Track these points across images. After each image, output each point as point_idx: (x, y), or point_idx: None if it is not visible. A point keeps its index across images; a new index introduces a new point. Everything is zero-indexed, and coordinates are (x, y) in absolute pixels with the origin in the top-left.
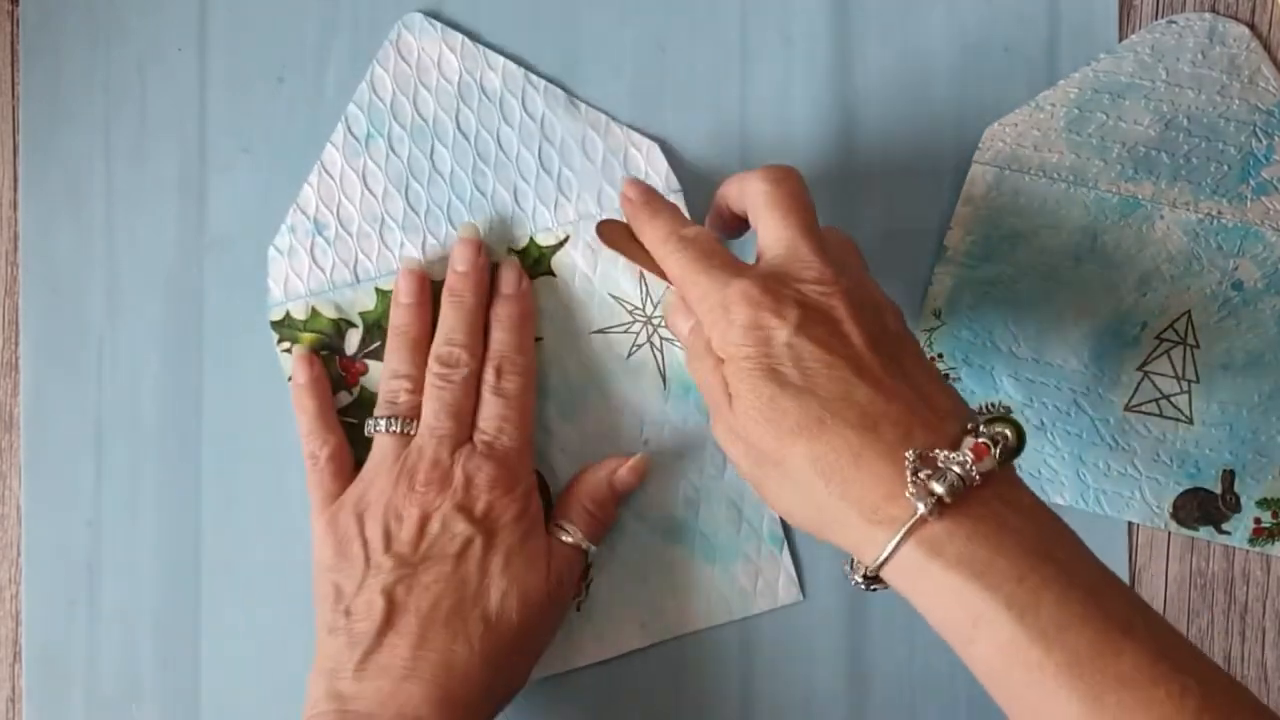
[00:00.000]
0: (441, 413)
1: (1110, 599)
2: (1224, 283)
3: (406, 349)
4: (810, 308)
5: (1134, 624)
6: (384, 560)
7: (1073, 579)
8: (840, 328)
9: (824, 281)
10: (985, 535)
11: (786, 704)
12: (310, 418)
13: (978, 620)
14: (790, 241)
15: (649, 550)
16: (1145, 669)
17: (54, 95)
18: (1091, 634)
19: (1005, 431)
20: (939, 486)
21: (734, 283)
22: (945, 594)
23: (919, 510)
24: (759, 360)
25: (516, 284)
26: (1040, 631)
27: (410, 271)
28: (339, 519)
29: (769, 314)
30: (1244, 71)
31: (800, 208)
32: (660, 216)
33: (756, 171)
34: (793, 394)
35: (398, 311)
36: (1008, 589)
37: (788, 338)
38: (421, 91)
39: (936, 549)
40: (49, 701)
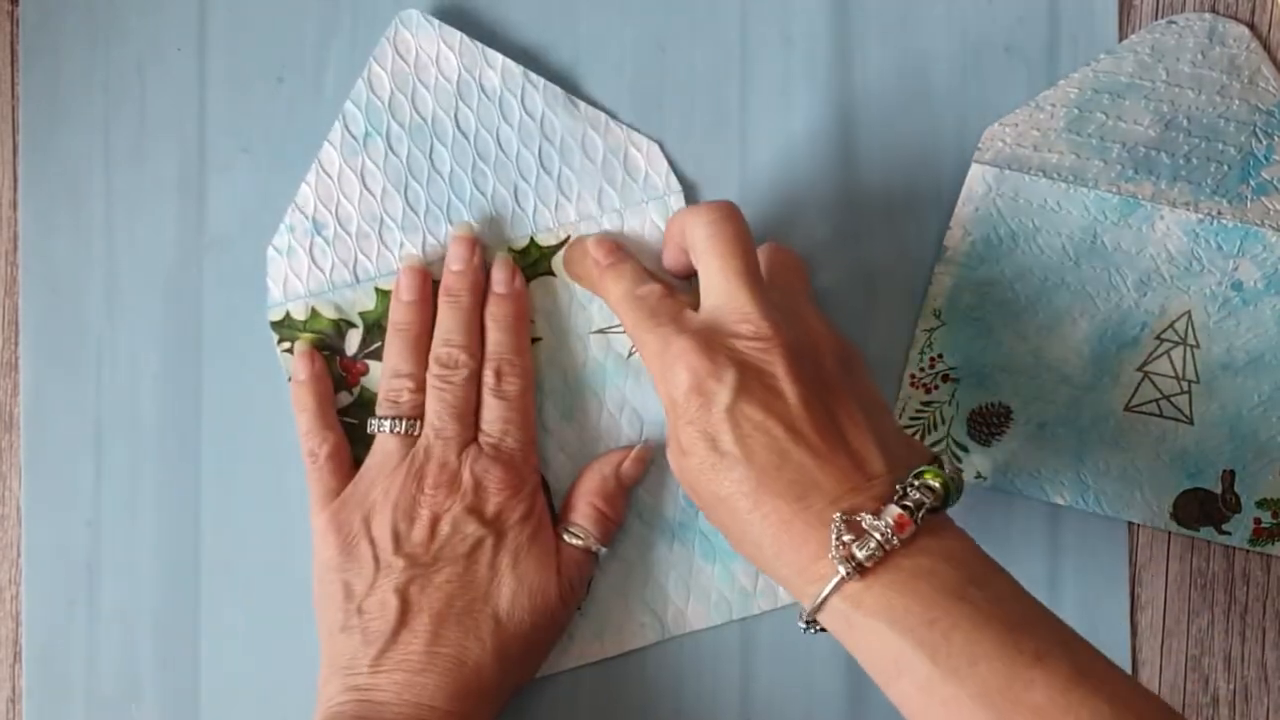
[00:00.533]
0: (445, 414)
1: (1024, 632)
2: (1224, 283)
3: (408, 347)
4: (747, 367)
5: (1048, 654)
6: (395, 560)
7: (988, 616)
8: (777, 385)
9: (760, 337)
10: (901, 584)
11: (786, 704)
12: (310, 415)
13: (897, 662)
14: (728, 290)
15: (649, 550)
16: (1057, 698)
17: (53, 95)
18: (1002, 667)
19: (933, 486)
20: (860, 552)
21: (674, 342)
22: (868, 639)
23: (840, 574)
24: (700, 427)
25: (509, 282)
26: (952, 669)
27: (411, 269)
28: (343, 517)
29: (708, 377)
30: (1244, 72)
31: (738, 251)
32: (622, 279)
33: (696, 210)
34: (730, 464)
35: (398, 309)
36: (921, 632)
37: (727, 403)
38: (420, 90)
39: (857, 601)
40: (49, 701)
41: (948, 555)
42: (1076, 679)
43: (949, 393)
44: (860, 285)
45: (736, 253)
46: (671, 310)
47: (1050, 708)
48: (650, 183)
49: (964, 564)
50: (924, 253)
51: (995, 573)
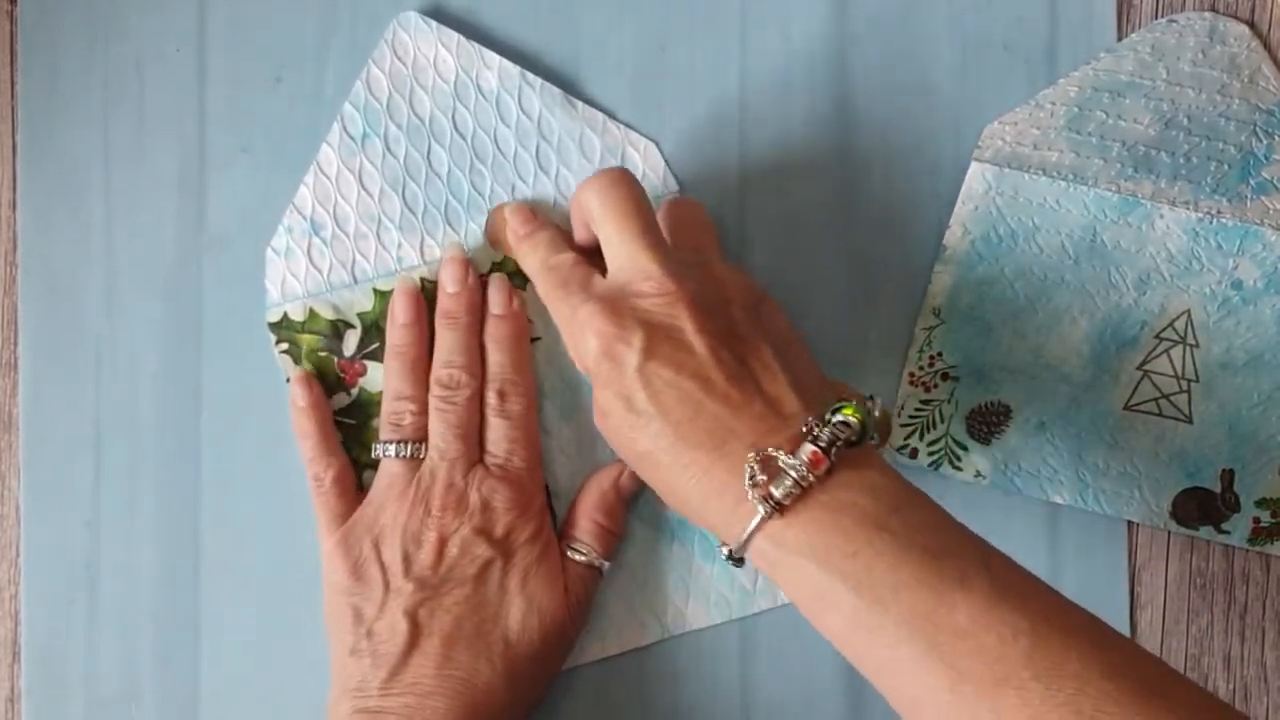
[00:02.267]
0: (449, 435)
1: (946, 557)
2: (1224, 282)
3: (408, 369)
4: (654, 325)
5: (969, 576)
6: (404, 584)
7: (909, 545)
8: (684, 339)
9: (664, 293)
10: (820, 520)
11: (786, 704)
12: (312, 442)
13: (822, 596)
14: (628, 253)
15: (648, 550)
16: (979, 618)
17: (52, 94)
18: (925, 592)
19: (849, 422)
20: (777, 491)
21: (580, 309)
22: (793, 576)
23: (760, 513)
24: (615, 389)
25: (507, 303)
26: (876, 598)
27: (405, 291)
28: (351, 541)
29: (615, 340)
30: (1244, 71)
31: (632, 212)
32: (537, 249)
33: (587, 181)
34: (646, 421)
35: (395, 332)
36: (844, 565)
37: (637, 363)
38: (418, 91)
39: (779, 540)
40: (48, 701)
41: (868, 487)
42: (997, 598)
43: (948, 391)
44: (859, 284)
45: (630, 214)
46: (581, 278)
47: (972, 627)
48: (648, 182)
49: (885, 495)
50: (924, 251)
51: (917, 501)
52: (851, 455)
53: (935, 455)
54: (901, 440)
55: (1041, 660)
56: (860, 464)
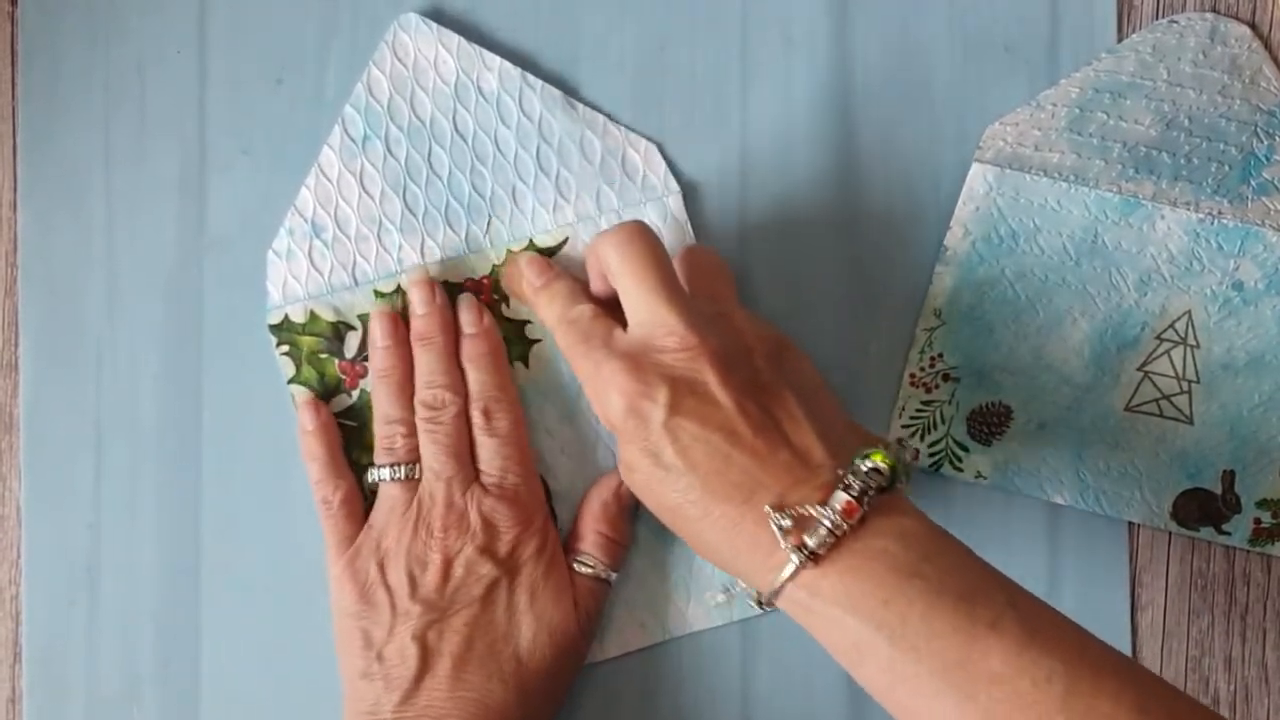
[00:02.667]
0: (441, 455)
1: (977, 600)
2: (1225, 283)
3: (394, 392)
4: (678, 380)
5: (1000, 619)
6: (411, 606)
7: (940, 591)
8: (709, 393)
9: (686, 347)
10: (855, 569)
11: (787, 705)
12: (320, 464)
13: (858, 646)
14: (648, 308)
15: (648, 551)
16: (1012, 662)
17: (53, 95)
18: (958, 640)
19: (880, 468)
20: (811, 540)
21: (604, 366)
22: (828, 626)
23: (794, 563)
24: (640, 445)
25: (478, 321)
26: (910, 646)
27: (382, 315)
28: (358, 565)
29: (640, 397)
30: (1245, 72)
31: (652, 266)
32: (554, 302)
33: (604, 235)
34: (674, 476)
35: (376, 355)
36: (878, 614)
37: (662, 419)
38: (418, 93)
39: (814, 589)
40: (49, 702)
41: (899, 534)
42: (1029, 641)
43: (949, 392)
44: (860, 285)
45: (649, 269)
46: (602, 333)
47: (1006, 672)
48: (648, 183)
49: (916, 541)
50: (924, 252)
51: (947, 545)
52: (883, 502)
53: (936, 456)
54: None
55: (1075, 703)
56: (891, 510)
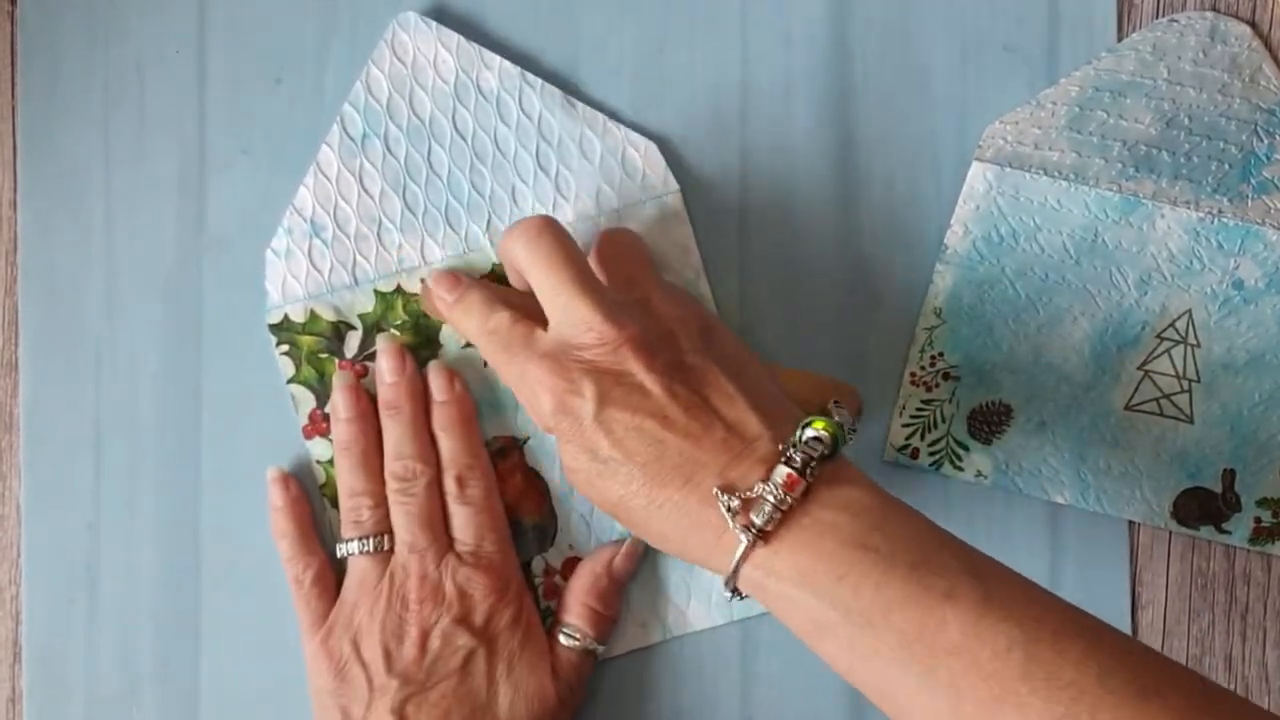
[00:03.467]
0: (413, 526)
1: (933, 568)
2: (1225, 282)
3: (359, 465)
4: (602, 373)
5: (958, 587)
6: (388, 681)
7: (893, 562)
8: (635, 381)
9: (605, 341)
10: (806, 544)
11: (788, 705)
12: (290, 541)
13: (816, 623)
14: (563, 304)
15: (650, 551)
16: (970, 632)
17: (53, 95)
18: (915, 611)
19: (821, 436)
20: (758, 519)
21: (529, 370)
22: (785, 605)
23: (743, 542)
24: (577, 442)
25: (449, 387)
26: (867, 621)
27: (345, 386)
28: (332, 643)
29: (568, 395)
30: (1245, 70)
31: (562, 260)
32: (470, 314)
33: (511, 233)
34: (613, 468)
35: (339, 428)
36: (832, 591)
37: (593, 414)
38: (418, 92)
39: (768, 568)
40: (49, 701)
41: (847, 505)
42: (986, 609)
43: (949, 391)
44: (860, 284)
45: (559, 264)
46: (522, 337)
47: (964, 642)
48: (648, 182)
49: (865, 511)
50: (924, 251)
51: (898, 514)
52: (828, 470)
53: (936, 455)
54: (903, 440)
55: (1037, 672)
56: (837, 480)
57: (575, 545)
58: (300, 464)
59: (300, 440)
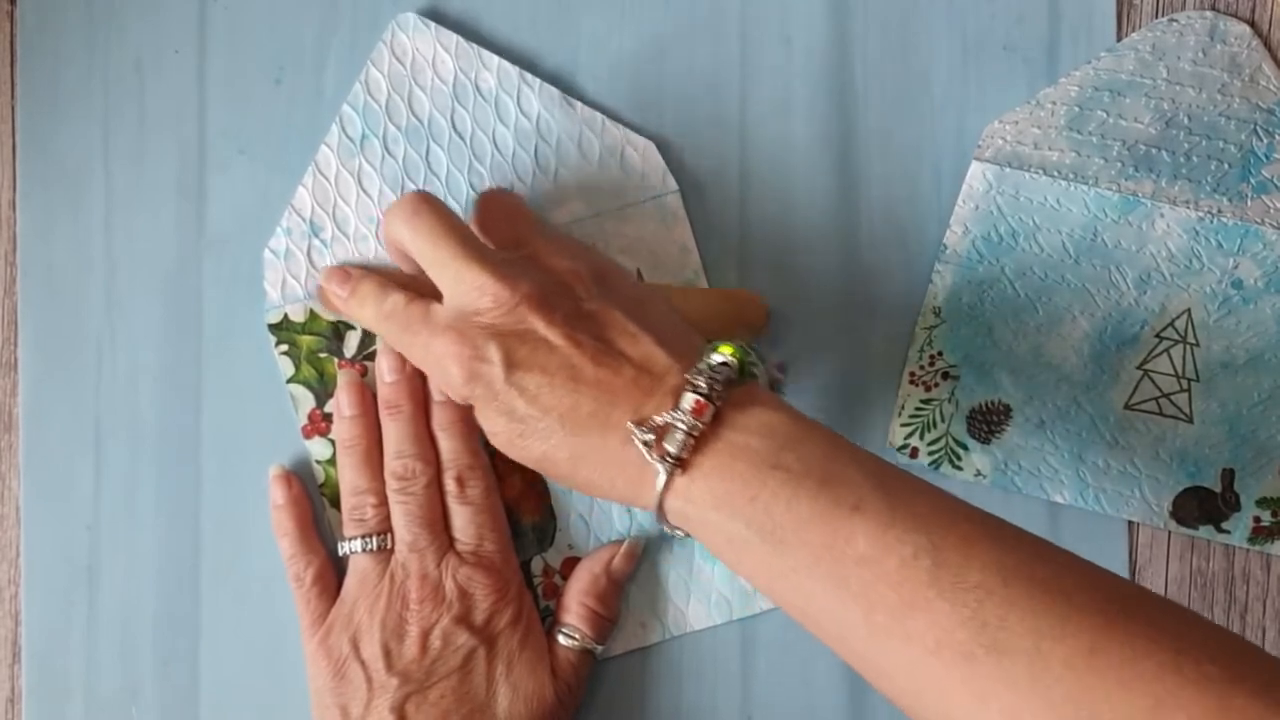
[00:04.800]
0: (413, 525)
1: (839, 484)
2: (1224, 281)
3: (362, 463)
4: (505, 335)
5: (866, 501)
6: (388, 680)
7: (801, 479)
8: (539, 336)
9: (501, 303)
10: (720, 468)
11: (787, 704)
12: (291, 540)
13: (732, 544)
14: (454, 274)
15: (649, 551)
16: (877, 542)
17: (52, 95)
18: (823, 527)
19: (727, 361)
20: (671, 447)
21: (432, 344)
22: (706, 530)
23: (661, 472)
24: (491, 405)
25: None
26: (780, 540)
27: (348, 384)
28: (331, 642)
29: (476, 361)
30: (1245, 70)
31: (444, 232)
32: (365, 304)
33: (390, 213)
34: (532, 425)
35: (342, 426)
36: (745, 511)
37: (502, 377)
38: (416, 92)
39: (687, 495)
40: (49, 701)
41: (758, 428)
42: (892, 519)
43: (949, 390)
44: (860, 284)
45: (441, 236)
46: (419, 315)
47: (872, 553)
48: (647, 182)
49: (776, 432)
50: (924, 251)
51: (809, 433)
52: (736, 395)
53: (935, 454)
54: (902, 439)
55: (945, 576)
56: (748, 403)
57: (574, 545)
58: (300, 464)
59: (300, 440)
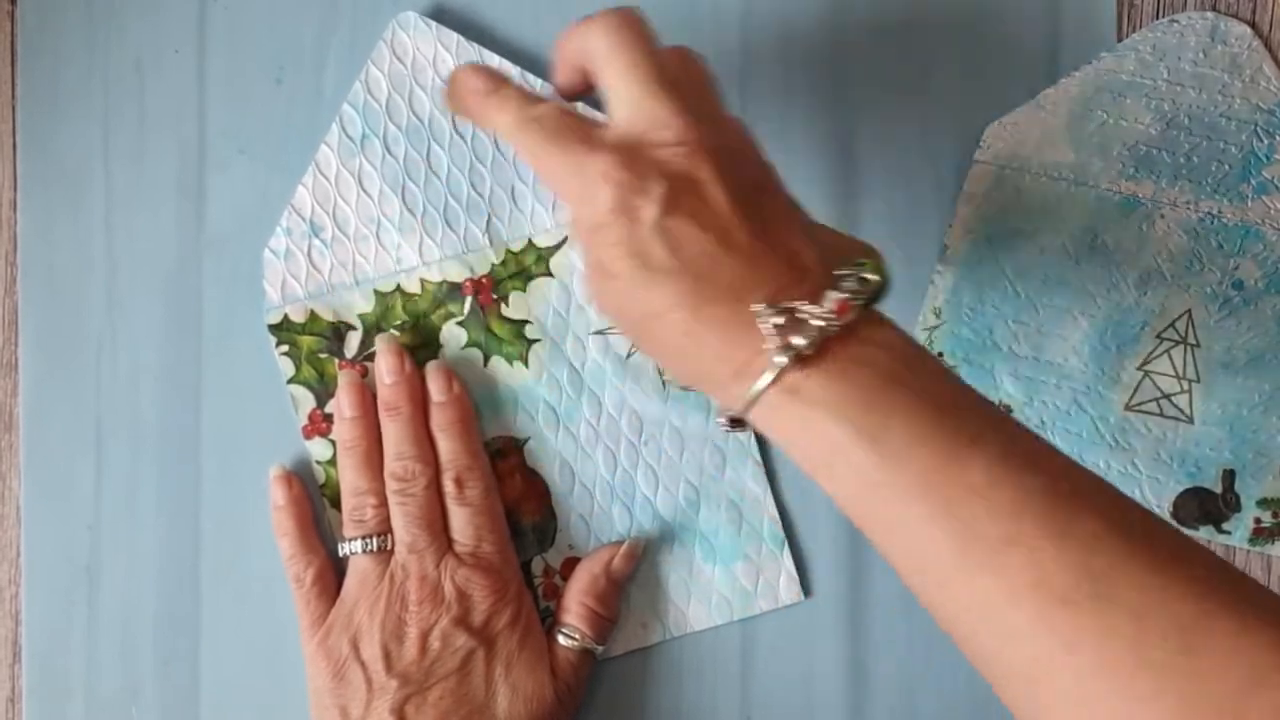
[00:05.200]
0: (413, 526)
1: (961, 415)
2: (1224, 282)
3: (362, 463)
4: (674, 176)
5: (983, 435)
6: (388, 681)
7: (924, 402)
8: (705, 192)
9: (684, 142)
10: (840, 372)
11: (786, 704)
12: (292, 540)
13: (833, 449)
14: (641, 99)
15: (649, 551)
16: (993, 475)
17: (53, 95)
18: (939, 448)
19: (869, 278)
20: (799, 340)
21: (590, 162)
22: (803, 429)
23: (777, 362)
24: (629, 245)
25: (448, 389)
26: (890, 452)
27: (349, 385)
28: (330, 643)
29: (633, 193)
30: (1245, 71)
31: (645, 56)
32: (507, 104)
33: (591, 21)
34: (662, 278)
35: (343, 426)
36: (858, 418)
37: (655, 217)
38: (417, 92)
39: (794, 391)
40: (49, 701)
41: (884, 343)
42: (1009, 456)
43: None
44: None
45: (642, 58)
46: (576, 128)
47: (986, 485)
48: None
49: (901, 353)
50: (924, 251)
51: (931, 361)
52: (869, 313)
53: None
54: None
55: (1058, 519)
56: (875, 321)
57: (575, 545)
58: (300, 464)
59: (300, 440)
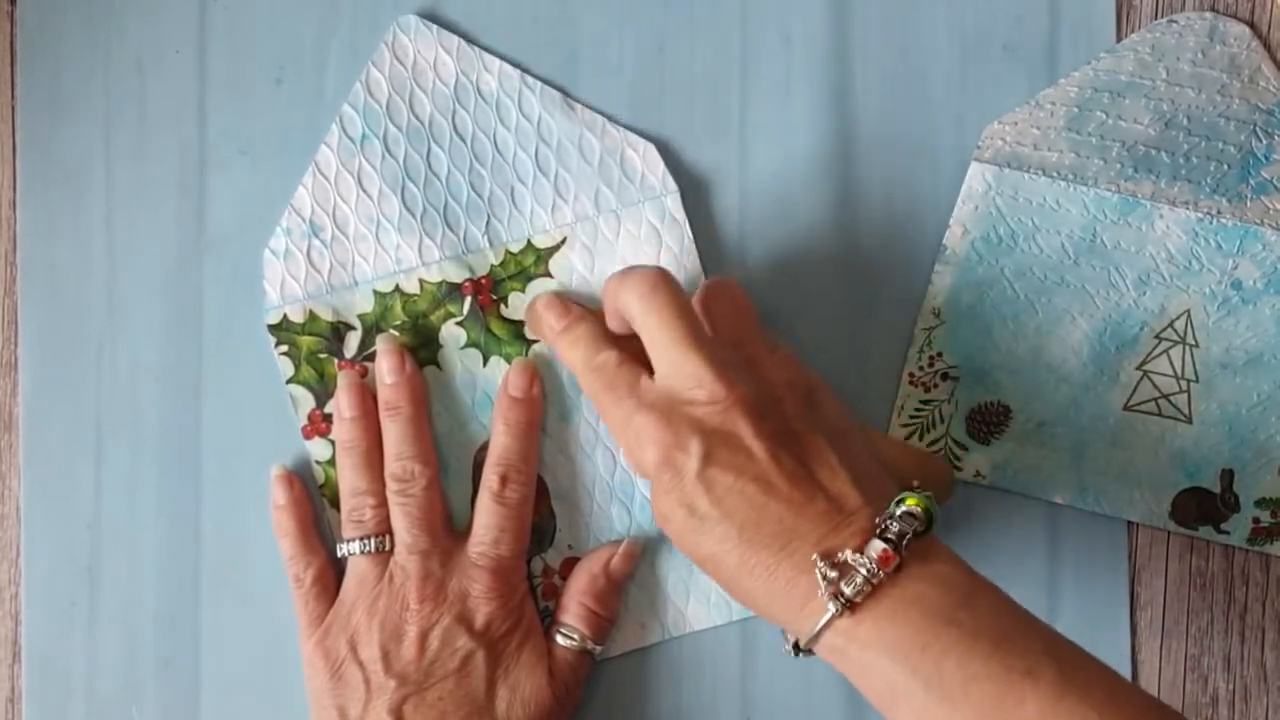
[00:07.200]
0: (413, 528)
1: (1013, 647)
2: (1223, 282)
3: (361, 463)
4: (710, 432)
5: (1036, 666)
6: (386, 681)
7: (977, 638)
8: (742, 444)
9: (716, 400)
10: (892, 614)
11: (787, 705)
12: (292, 540)
13: (893, 690)
14: (676, 359)
15: (648, 551)
16: (1048, 710)
17: (53, 95)
18: (994, 687)
19: (914, 513)
20: (848, 589)
21: (635, 418)
22: (863, 670)
23: (830, 611)
24: (676, 495)
25: (528, 388)
26: (946, 693)
27: (349, 385)
28: (328, 644)
29: (673, 450)
30: (1244, 71)
31: (676, 317)
32: (576, 346)
33: (625, 281)
34: (710, 526)
35: (342, 426)
36: (913, 660)
37: (696, 471)
38: (417, 93)
39: (850, 634)
40: (49, 701)
41: (936, 579)
42: (1064, 688)
43: (948, 391)
44: (860, 285)
45: (674, 319)
46: (629, 380)
47: None
48: (647, 183)
49: (952, 586)
50: (924, 252)
51: (983, 590)
52: (919, 546)
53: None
54: (902, 440)
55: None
56: (927, 554)
57: (574, 545)
58: (300, 464)
59: (300, 440)
